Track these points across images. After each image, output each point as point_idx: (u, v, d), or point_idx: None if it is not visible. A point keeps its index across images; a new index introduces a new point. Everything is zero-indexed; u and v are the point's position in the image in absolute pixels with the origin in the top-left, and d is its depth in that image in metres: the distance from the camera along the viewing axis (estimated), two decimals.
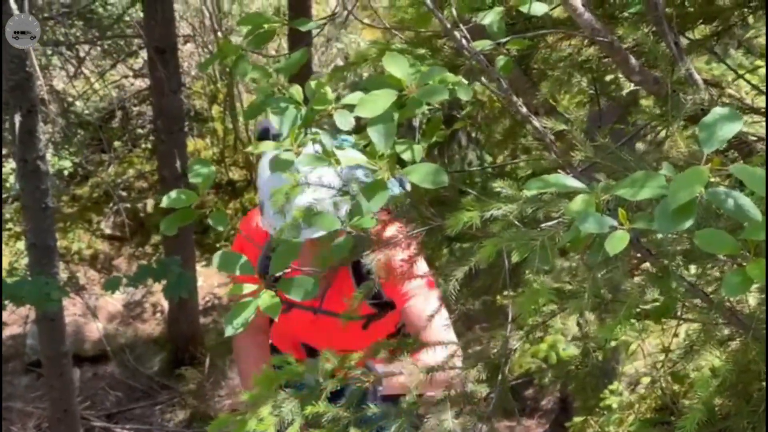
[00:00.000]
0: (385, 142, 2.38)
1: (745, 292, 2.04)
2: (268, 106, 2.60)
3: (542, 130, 2.75)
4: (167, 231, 2.71)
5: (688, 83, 2.77)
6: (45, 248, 7.46)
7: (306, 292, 2.57)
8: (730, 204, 1.96)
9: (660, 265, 2.50)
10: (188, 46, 13.10)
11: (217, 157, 12.16)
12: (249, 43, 2.83)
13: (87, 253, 11.13)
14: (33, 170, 7.19)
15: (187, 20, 12.94)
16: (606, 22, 3.10)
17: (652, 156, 2.78)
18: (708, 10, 3.18)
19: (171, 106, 9.11)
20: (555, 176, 2.31)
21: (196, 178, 2.68)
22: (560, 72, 3.40)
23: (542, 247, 2.40)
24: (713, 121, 2.05)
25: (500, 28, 2.80)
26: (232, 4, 12.98)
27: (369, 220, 2.59)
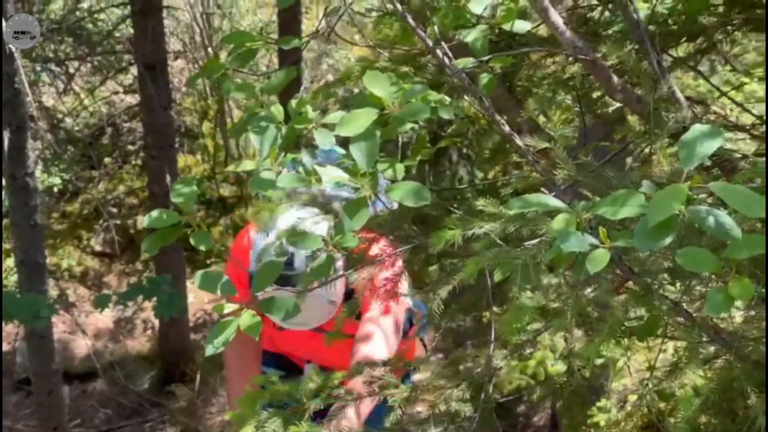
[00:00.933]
0: (367, 160, 2.38)
1: (727, 310, 2.03)
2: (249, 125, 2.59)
3: (525, 148, 2.75)
4: (148, 251, 2.70)
5: (670, 101, 2.77)
6: (34, 265, 7.45)
7: (287, 313, 2.56)
8: (711, 222, 1.95)
9: (643, 283, 2.49)
10: (178, 62, 13.10)
11: (207, 173, 12.16)
12: (232, 62, 2.83)
13: (77, 270, 11.11)
14: (22, 187, 7.18)
15: (178, 36, 12.94)
16: (589, 40, 3.10)
17: (635, 173, 2.77)
18: (691, 28, 3.18)
19: (161, 122, 9.11)
20: (536, 195, 2.31)
21: (178, 198, 2.66)
22: (544, 89, 3.40)
23: (524, 266, 2.40)
24: (693, 138, 2.04)
25: (483, 46, 2.80)
26: (222, 20, 12.99)
27: (351, 238, 2.58)
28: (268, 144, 2.52)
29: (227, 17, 12.95)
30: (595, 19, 3.53)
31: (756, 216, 1.93)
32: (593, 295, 2.58)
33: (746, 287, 1.99)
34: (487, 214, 2.70)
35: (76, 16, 11.53)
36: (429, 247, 2.75)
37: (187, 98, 12.86)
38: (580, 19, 3.54)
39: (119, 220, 11.42)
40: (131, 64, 11.61)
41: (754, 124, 3.27)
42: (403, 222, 2.95)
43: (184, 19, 12.97)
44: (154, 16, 8.97)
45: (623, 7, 2.89)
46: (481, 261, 2.51)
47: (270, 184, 2.49)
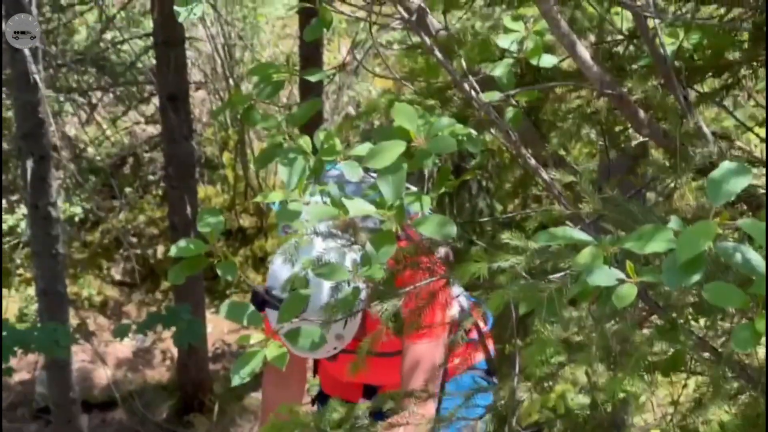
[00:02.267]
0: (394, 192, 2.39)
1: (754, 346, 2.03)
2: (277, 157, 2.60)
3: (550, 182, 2.76)
4: (175, 280, 2.71)
5: (696, 136, 2.78)
6: (55, 294, 7.47)
7: (313, 343, 2.56)
8: (738, 258, 1.96)
9: (668, 318, 2.49)
10: (200, 93, 13.15)
11: (227, 204, 12.17)
12: (259, 94, 2.84)
13: (97, 300, 11.13)
14: (44, 216, 7.21)
15: (199, 67, 12.99)
16: (615, 74, 3.11)
17: (660, 208, 2.78)
18: (717, 63, 3.19)
19: (182, 152, 9.14)
20: (563, 229, 2.31)
21: (205, 228, 2.68)
22: (569, 124, 3.41)
23: (550, 299, 2.40)
24: (722, 175, 2.05)
25: (510, 80, 2.81)
26: (243, 52, 13.03)
27: (379, 270, 2.58)
28: (297, 175, 2.53)
29: (249, 49, 12.99)
30: (621, 53, 3.54)
31: None
32: (617, 329, 2.58)
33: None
34: (512, 247, 2.70)
35: (99, 47, 11.60)
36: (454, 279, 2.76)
37: (208, 129, 12.90)
38: (605, 53, 3.55)
39: (139, 250, 11.44)
40: (153, 94, 11.66)
41: None
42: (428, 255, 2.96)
43: (205, 50, 13.01)
44: (176, 47, 9.01)
45: (650, 42, 2.90)
46: (506, 294, 2.52)
47: (297, 216, 2.50)
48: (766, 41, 3.15)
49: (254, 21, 13.22)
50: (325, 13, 2.82)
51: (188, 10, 2.54)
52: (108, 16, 10.98)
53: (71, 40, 11.85)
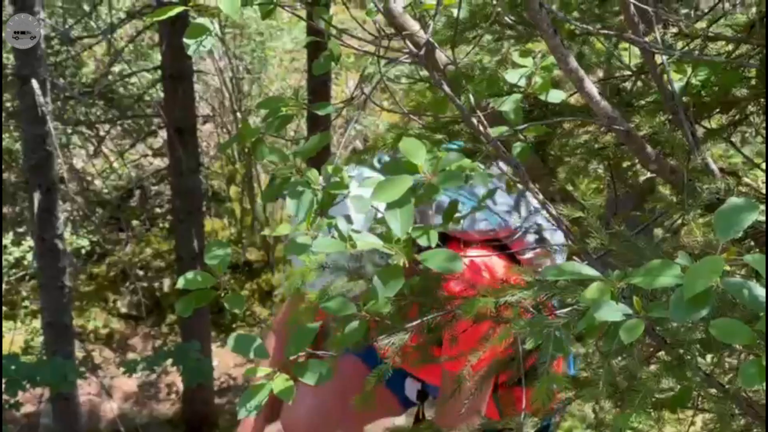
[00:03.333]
0: (401, 227, 2.39)
1: (761, 382, 2.02)
2: (285, 190, 2.61)
3: (558, 217, 2.76)
4: (183, 312, 2.71)
5: (704, 172, 2.78)
6: (61, 327, 7.48)
7: (321, 377, 2.56)
8: (745, 294, 1.96)
9: (675, 354, 2.49)
10: (207, 126, 13.20)
11: (234, 237, 12.20)
12: (267, 127, 2.85)
13: (103, 332, 11.14)
14: (50, 249, 7.23)
15: (207, 101, 13.05)
16: (623, 110, 3.11)
17: (668, 244, 2.77)
18: (724, 99, 3.19)
19: (189, 186, 9.17)
20: (570, 263, 2.31)
21: (212, 260, 2.68)
22: (577, 159, 3.41)
23: (557, 335, 2.40)
24: (729, 210, 2.05)
25: (518, 115, 2.81)
26: (251, 85, 13.08)
27: (385, 304, 2.58)
28: (305, 209, 2.53)
29: (257, 82, 13.05)
30: (628, 89, 3.55)
31: None
32: (623, 364, 2.57)
33: None
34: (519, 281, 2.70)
35: (107, 80, 11.66)
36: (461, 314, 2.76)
37: (215, 162, 12.95)
38: (613, 89, 3.56)
39: (146, 283, 11.46)
40: (161, 127, 11.72)
41: None
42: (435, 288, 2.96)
43: (213, 83, 13.08)
44: (184, 80, 9.06)
45: (658, 78, 2.91)
46: (513, 329, 2.51)
47: (305, 249, 2.50)
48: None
49: (262, 55, 13.28)
50: (334, 47, 2.83)
51: (197, 43, 2.54)
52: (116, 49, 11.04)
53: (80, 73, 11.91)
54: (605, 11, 3.52)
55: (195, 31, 2.53)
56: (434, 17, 2.79)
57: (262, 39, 13.25)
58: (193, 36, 2.54)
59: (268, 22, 12.99)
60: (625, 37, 2.94)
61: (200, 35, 2.54)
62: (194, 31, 2.53)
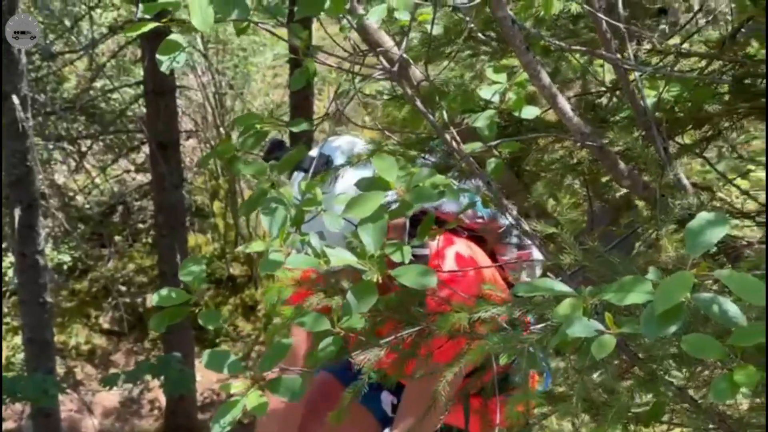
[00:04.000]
0: (374, 243, 2.39)
1: (732, 397, 2.03)
2: (260, 206, 2.61)
3: (532, 233, 2.77)
4: (156, 329, 2.70)
5: (677, 188, 2.79)
6: (42, 343, 7.46)
7: (293, 393, 2.56)
8: (716, 309, 1.96)
9: (648, 369, 2.50)
10: (190, 142, 13.20)
11: (217, 252, 12.19)
12: (242, 144, 2.85)
13: (84, 348, 11.11)
14: (32, 265, 7.21)
15: (190, 116, 13.05)
16: (597, 126, 3.13)
17: (642, 259, 2.78)
18: (697, 115, 3.20)
19: (172, 201, 9.17)
20: (543, 280, 2.32)
21: (186, 277, 2.68)
22: (552, 174, 3.42)
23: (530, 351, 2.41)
24: (700, 225, 2.05)
25: (492, 131, 2.82)
26: (234, 101, 13.08)
27: (359, 320, 2.58)
28: (278, 225, 2.53)
29: (239, 98, 13.05)
30: (603, 105, 3.56)
31: (759, 304, 1.94)
32: (599, 379, 2.58)
33: (751, 374, 1.99)
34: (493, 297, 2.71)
35: (89, 95, 11.65)
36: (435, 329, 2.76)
37: (198, 177, 12.94)
38: (588, 105, 3.57)
39: (128, 299, 11.44)
40: (143, 143, 11.71)
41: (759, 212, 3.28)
42: (410, 304, 2.96)
43: (196, 99, 13.08)
44: (167, 96, 9.06)
45: (630, 94, 2.92)
46: (487, 345, 2.52)
47: (279, 266, 2.50)
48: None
49: (245, 70, 13.29)
50: (309, 64, 2.83)
51: (170, 59, 2.54)
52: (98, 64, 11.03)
53: (61, 88, 11.90)
54: (579, 27, 3.53)
55: (168, 47, 2.54)
56: (408, 33, 2.80)
57: (244, 54, 13.25)
58: (167, 52, 2.54)
59: (251, 38, 13.00)
60: (597, 54, 2.95)
61: (174, 51, 2.54)
62: (168, 47, 2.53)
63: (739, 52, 3.28)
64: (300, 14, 2.58)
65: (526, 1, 3.02)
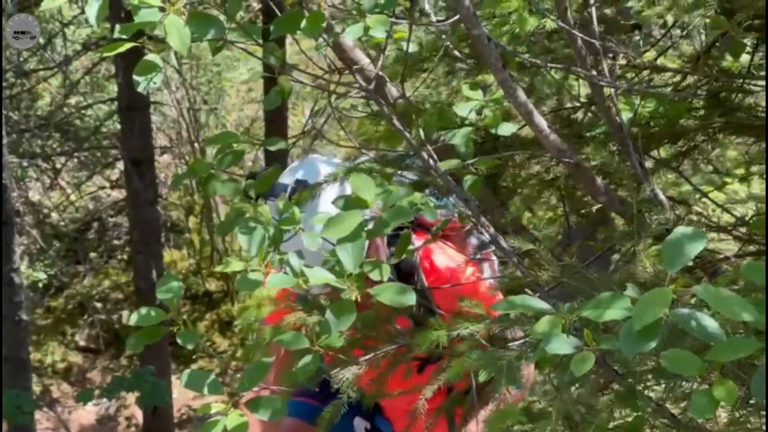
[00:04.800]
0: (353, 261, 2.39)
1: (712, 413, 2.03)
2: (238, 224, 2.61)
3: (509, 250, 2.77)
4: (134, 348, 2.69)
5: (653, 203, 2.79)
6: (18, 361, 7.42)
7: (274, 412, 2.55)
8: (694, 325, 1.97)
9: (627, 384, 2.50)
10: (165, 157, 13.17)
11: (193, 268, 12.16)
12: (219, 163, 2.84)
13: (61, 366, 11.06)
14: (7, 282, 7.18)
15: (164, 132, 13.02)
16: (574, 141, 3.13)
17: (620, 274, 2.78)
18: (672, 130, 3.22)
19: (147, 217, 9.14)
20: (521, 297, 2.32)
21: (164, 295, 2.67)
22: (529, 190, 3.43)
23: (509, 367, 2.41)
24: (677, 240, 2.05)
25: (468, 148, 2.82)
26: (209, 116, 13.06)
27: (337, 339, 2.58)
28: (256, 245, 2.53)
29: (214, 113, 13.03)
30: (579, 120, 3.57)
31: (737, 319, 1.95)
32: (579, 395, 2.58)
33: (730, 390, 1.99)
34: (472, 315, 2.71)
35: (63, 112, 11.61)
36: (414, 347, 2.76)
37: (173, 193, 12.91)
38: (564, 121, 3.58)
39: (104, 315, 11.41)
40: (118, 159, 11.68)
41: (736, 225, 3.29)
42: (387, 322, 2.96)
43: (171, 114, 13.05)
44: (141, 112, 9.04)
45: (606, 110, 2.93)
46: (466, 362, 2.52)
47: (257, 285, 2.50)
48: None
49: (219, 85, 13.27)
50: (284, 82, 2.83)
51: (147, 80, 2.54)
52: (72, 81, 10.99)
53: (35, 106, 11.86)
54: (556, 43, 3.53)
55: (145, 68, 2.53)
56: (383, 51, 2.80)
57: (218, 70, 13.23)
58: (144, 72, 2.54)
59: (225, 53, 12.97)
60: (572, 70, 2.96)
61: (151, 71, 2.54)
62: (144, 68, 2.53)
63: (713, 67, 3.30)
64: (276, 34, 2.58)
65: (501, 18, 3.02)
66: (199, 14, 2.47)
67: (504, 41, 3.11)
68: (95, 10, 2.39)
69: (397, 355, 2.94)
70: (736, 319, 1.95)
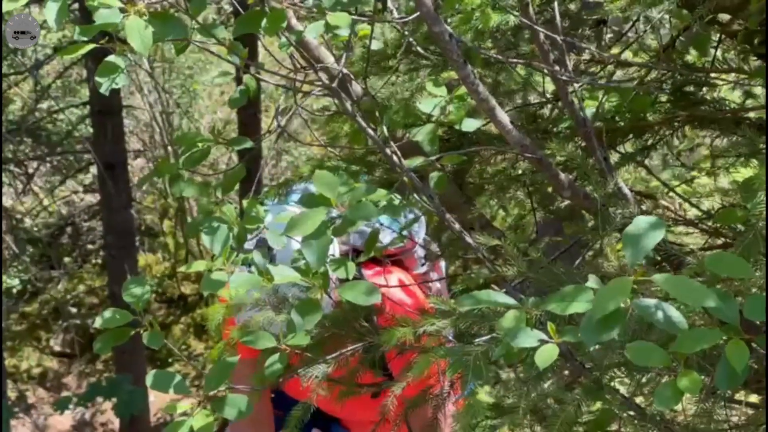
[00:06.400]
0: (318, 259, 2.39)
1: (676, 404, 2.04)
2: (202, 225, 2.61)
3: (476, 246, 2.77)
4: (101, 351, 2.69)
5: (618, 197, 2.80)
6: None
7: (239, 412, 2.55)
8: (659, 315, 1.97)
9: (594, 378, 2.50)
10: (139, 161, 13.14)
11: (168, 271, 12.13)
12: (185, 163, 2.83)
13: (36, 372, 11.02)
14: None
15: (137, 135, 12.99)
16: (539, 137, 3.14)
17: (586, 269, 2.79)
18: (637, 125, 3.22)
19: (121, 221, 9.12)
20: (486, 292, 2.32)
21: (130, 298, 2.66)
22: (495, 186, 3.43)
23: (476, 362, 2.41)
24: (637, 230, 2.06)
25: (433, 144, 2.82)
26: (182, 119, 13.04)
27: (304, 337, 2.58)
28: (220, 244, 2.53)
29: (186, 116, 13.01)
30: (544, 116, 3.58)
31: (699, 306, 1.95)
32: (548, 389, 2.58)
33: (695, 380, 2.00)
34: (438, 311, 2.71)
35: (35, 116, 11.56)
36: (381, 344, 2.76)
37: (147, 197, 12.88)
38: (530, 116, 3.58)
39: (79, 320, 11.37)
40: (91, 163, 11.64)
41: (702, 219, 3.30)
42: (354, 320, 2.96)
43: (143, 118, 13.03)
44: (113, 116, 9.02)
45: (570, 105, 2.93)
46: (432, 358, 2.52)
47: (221, 285, 2.50)
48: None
49: (192, 89, 13.24)
50: (250, 82, 2.83)
51: (110, 80, 2.53)
52: (43, 86, 10.95)
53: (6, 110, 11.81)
54: (520, 38, 3.54)
55: (107, 69, 2.52)
56: (347, 49, 2.80)
57: (190, 72, 13.21)
58: (106, 73, 2.52)
59: (197, 56, 12.96)
60: (535, 66, 2.96)
61: (113, 72, 2.53)
62: (106, 69, 2.52)
63: (677, 61, 3.31)
64: (237, 32, 2.57)
65: (464, 14, 3.02)
66: (160, 15, 2.46)
67: (469, 38, 3.11)
68: (54, 14, 2.38)
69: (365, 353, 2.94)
70: (698, 305, 1.96)
